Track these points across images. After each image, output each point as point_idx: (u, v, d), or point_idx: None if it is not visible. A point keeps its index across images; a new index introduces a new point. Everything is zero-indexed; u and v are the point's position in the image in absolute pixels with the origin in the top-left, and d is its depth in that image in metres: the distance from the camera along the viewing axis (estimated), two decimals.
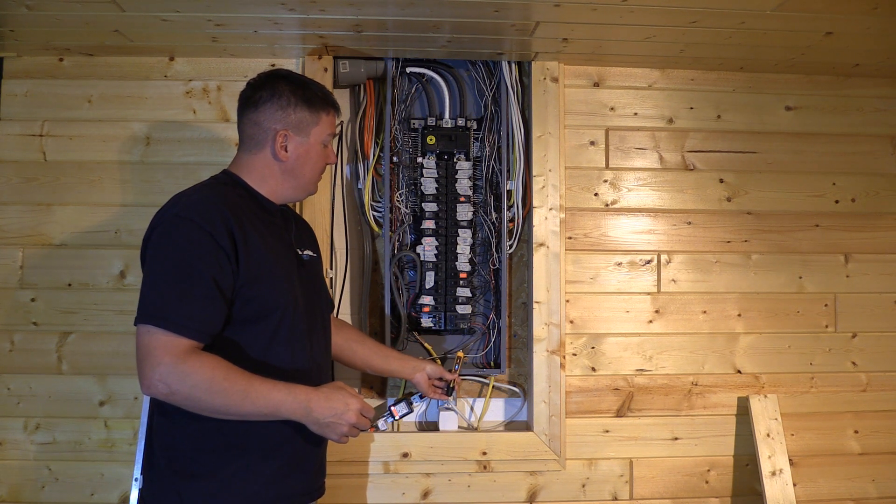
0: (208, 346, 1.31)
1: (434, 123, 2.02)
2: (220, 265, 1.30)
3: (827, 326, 2.14)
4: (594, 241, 2.10)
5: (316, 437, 1.45)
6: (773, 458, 2.01)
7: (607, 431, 2.06)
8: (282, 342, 1.40)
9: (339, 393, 1.39)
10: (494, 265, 2.04)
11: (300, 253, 1.53)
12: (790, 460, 2.04)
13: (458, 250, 2.01)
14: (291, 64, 2.01)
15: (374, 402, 2.05)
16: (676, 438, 2.07)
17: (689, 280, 2.11)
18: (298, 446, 1.43)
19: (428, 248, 2.00)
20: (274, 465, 1.39)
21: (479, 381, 2.08)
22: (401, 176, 2.03)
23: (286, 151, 1.46)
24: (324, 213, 1.97)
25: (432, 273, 2.00)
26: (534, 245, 2.02)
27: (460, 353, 1.84)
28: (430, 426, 2.06)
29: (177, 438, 1.36)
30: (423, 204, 2.01)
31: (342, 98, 2.07)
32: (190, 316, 1.27)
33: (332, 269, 2.02)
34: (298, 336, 1.44)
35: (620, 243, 2.10)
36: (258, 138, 1.46)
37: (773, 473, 2.00)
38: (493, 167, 2.04)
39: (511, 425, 2.08)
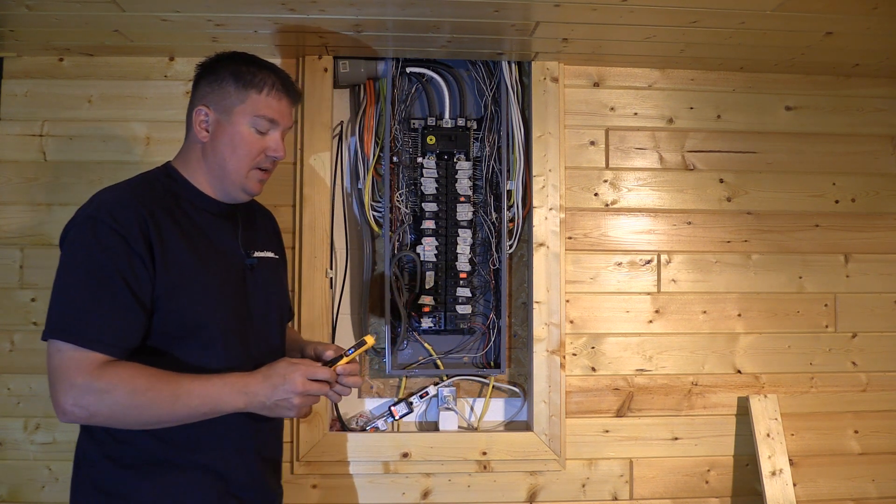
0: (132, 358, 1.19)
1: (434, 123, 2.02)
2: (135, 271, 1.17)
3: (827, 326, 2.14)
4: (594, 241, 2.10)
5: (259, 456, 1.33)
6: (773, 458, 2.01)
7: (607, 431, 2.06)
8: (214, 359, 1.25)
9: (277, 367, 1.22)
10: (494, 265, 2.04)
11: (250, 256, 1.37)
12: (790, 460, 2.04)
13: (458, 250, 2.01)
14: (291, 64, 2.01)
15: (375, 403, 2.05)
16: (676, 438, 2.07)
17: (689, 280, 2.11)
18: (232, 468, 1.29)
19: (428, 248, 2.00)
20: (206, 490, 1.25)
21: (479, 381, 2.08)
22: (401, 176, 2.03)
23: (207, 132, 1.30)
24: (324, 214, 1.97)
25: (432, 273, 2.00)
26: (534, 245, 2.02)
27: (368, 338, 1.34)
28: (430, 426, 2.06)
29: (94, 453, 1.24)
30: (423, 204, 2.01)
31: (342, 98, 2.08)
32: (102, 328, 1.14)
33: (332, 269, 2.02)
34: (235, 353, 1.28)
35: (620, 243, 2.10)
36: (189, 119, 1.33)
37: (773, 473, 2.00)
38: (493, 167, 2.04)
39: (511, 425, 2.08)
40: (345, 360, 1.30)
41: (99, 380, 1.13)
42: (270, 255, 1.44)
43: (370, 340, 1.34)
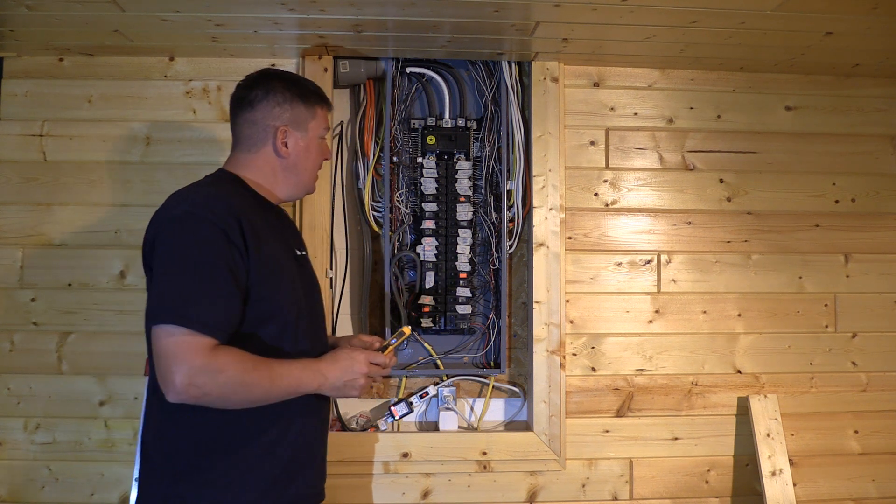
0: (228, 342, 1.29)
1: (434, 123, 2.02)
2: (235, 261, 1.28)
3: (827, 326, 2.14)
4: (594, 241, 2.10)
5: (320, 435, 1.45)
6: (773, 458, 2.01)
7: (607, 431, 2.06)
8: (287, 342, 1.38)
9: (342, 352, 1.41)
10: (494, 265, 2.04)
11: (298, 253, 1.51)
12: (790, 460, 2.04)
13: (458, 250, 2.01)
14: (291, 64, 2.01)
15: (375, 403, 2.05)
16: (676, 438, 2.07)
17: (689, 280, 2.11)
18: (301, 448, 1.40)
19: (428, 248, 2.00)
20: (277, 467, 1.36)
21: (479, 381, 2.08)
22: (401, 176, 2.03)
23: (287, 148, 1.46)
24: (324, 213, 1.97)
25: (432, 273, 2.00)
26: (534, 245, 2.02)
27: (405, 329, 1.57)
28: (430, 426, 2.06)
29: (176, 438, 1.33)
30: (423, 204, 2.01)
31: (342, 98, 2.08)
32: (213, 314, 1.24)
33: (332, 269, 2.02)
34: (301, 336, 1.41)
35: (620, 243, 2.10)
36: (256, 137, 1.45)
37: (773, 473, 2.00)
38: (493, 167, 2.04)
39: (511, 425, 2.08)
40: (390, 349, 1.52)
41: (213, 361, 1.22)
42: (305, 252, 1.57)
43: (407, 331, 1.55)
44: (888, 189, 2.18)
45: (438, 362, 2.03)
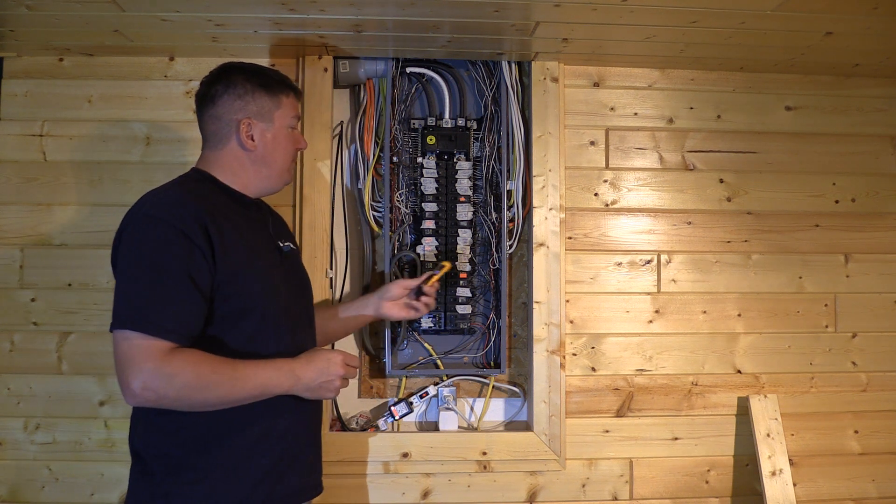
0: (193, 344, 1.28)
1: (434, 123, 2.02)
2: (197, 263, 1.27)
3: (827, 326, 2.14)
4: (594, 241, 2.10)
5: (309, 431, 1.44)
6: (773, 458, 2.01)
7: (607, 431, 2.06)
8: (266, 339, 1.37)
9: (319, 353, 1.40)
10: (494, 265, 2.04)
11: (281, 245, 1.49)
12: (790, 460, 2.04)
13: (458, 250, 2.01)
14: (291, 64, 2.01)
15: (375, 403, 2.05)
16: (676, 438, 2.07)
17: (689, 280, 2.11)
18: (290, 443, 1.40)
19: (428, 248, 2.00)
20: (265, 464, 1.35)
21: (479, 381, 2.08)
22: (401, 176, 2.03)
23: (253, 140, 1.43)
24: (324, 213, 1.97)
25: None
26: (534, 245, 2.02)
27: (446, 263, 1.81)
28: (430, 426, 2.06)
29: (161, 438, 1.32)
30: (423, 204, 2.01)
31: (342, 98, 2.08)
32: (168, 317, 1.23)
33: (332, 269, 2.02)
34: (283, 332, 1.40)
35: (620, 243, 2.10)
36: (221, 133, 1.44)
37: (773, 473, 2.00)
38: (493, 167, 2.04)
39: (511, 425, 2.08)
40: (434, 279, 1.75)
41: (167, 365, 1.21)
42: (292, 245, 1.56)
43: (448, 265, 1.82)
44: (888, 189, 2.18)
45: (438, 362, 2.03)
